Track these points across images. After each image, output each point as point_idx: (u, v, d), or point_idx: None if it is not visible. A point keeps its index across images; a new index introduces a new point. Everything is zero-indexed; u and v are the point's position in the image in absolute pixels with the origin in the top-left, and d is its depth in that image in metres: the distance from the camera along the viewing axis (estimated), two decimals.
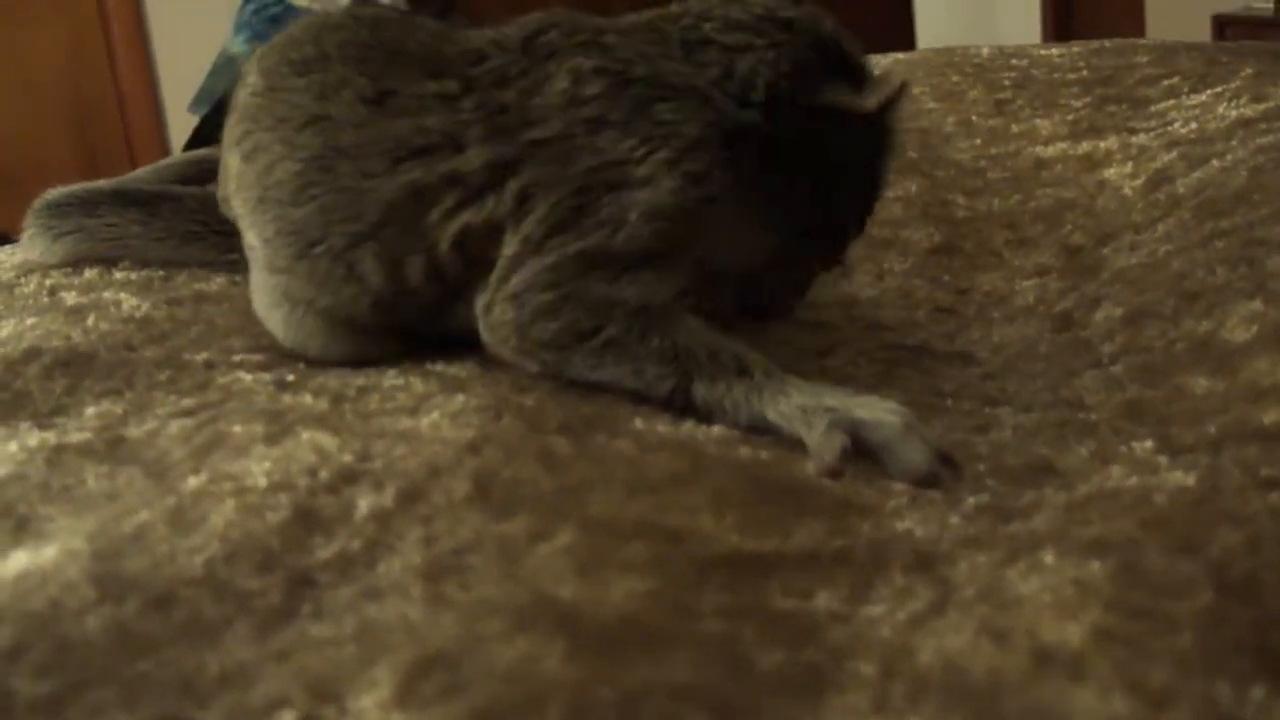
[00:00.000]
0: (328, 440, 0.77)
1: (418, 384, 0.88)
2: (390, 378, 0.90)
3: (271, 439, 0.78)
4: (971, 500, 0.73)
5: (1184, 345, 0.92)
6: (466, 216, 0.89)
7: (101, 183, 1.24)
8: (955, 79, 1.73)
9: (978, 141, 1.51)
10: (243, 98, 1.00)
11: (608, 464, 0.75)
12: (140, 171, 1.45)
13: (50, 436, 0.82)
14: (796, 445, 0.80)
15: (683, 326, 0.85)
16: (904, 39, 3.86)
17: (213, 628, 0.61)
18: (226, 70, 4.01)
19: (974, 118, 1.58)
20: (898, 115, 0.93)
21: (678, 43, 0.89)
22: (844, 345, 1.04)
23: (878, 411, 0.79)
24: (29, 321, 1.04)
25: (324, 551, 0.66)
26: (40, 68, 4.40)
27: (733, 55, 0.88)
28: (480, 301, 0.90)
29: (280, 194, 0.94)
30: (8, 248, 1.36)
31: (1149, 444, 0.79)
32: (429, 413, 0.81)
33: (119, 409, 0.87)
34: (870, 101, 0.89)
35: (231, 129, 1.00)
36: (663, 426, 0.82)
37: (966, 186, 1.39)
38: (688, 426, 0.82)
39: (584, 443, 0.78)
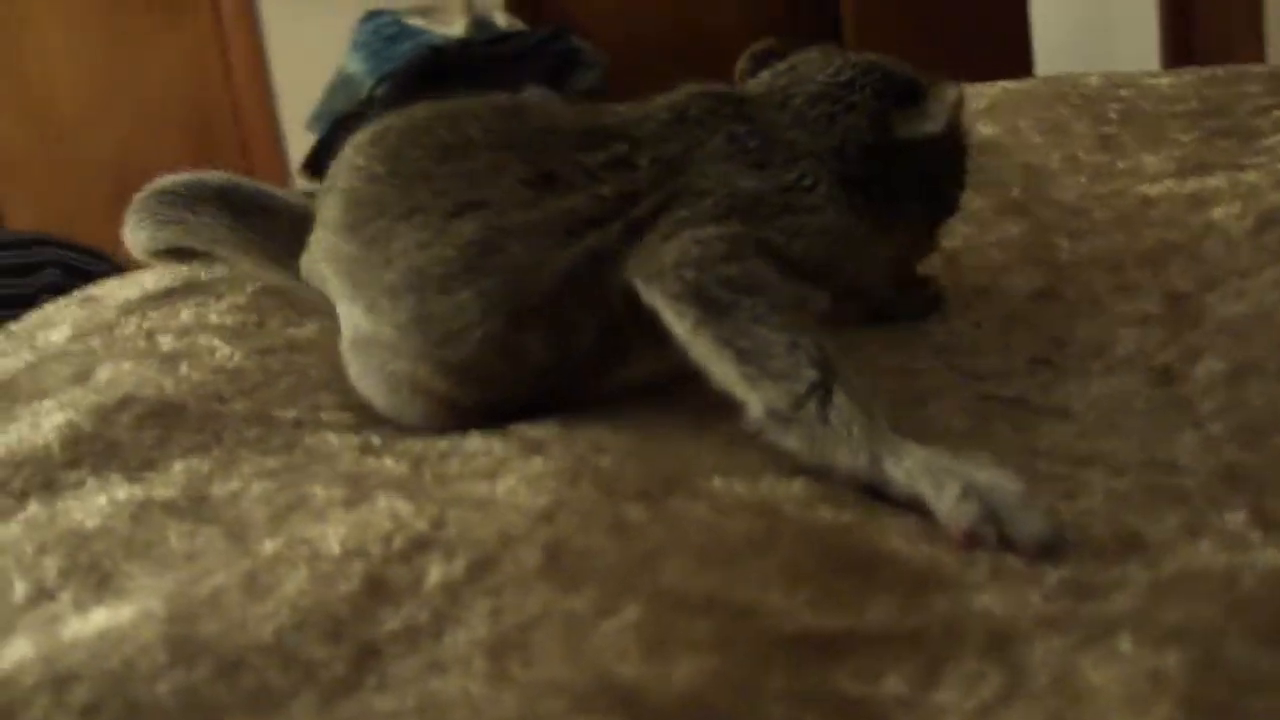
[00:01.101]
0: (404, 506, 0.77)
1: (498, 446, 0.87)
2: (473, 440, 0.90)
3: (350, 504, 0.79)
4: (1055, 575, 0.71)
5: None
6: None
7: (209, 175, 1.24)
8: (1062, 111, 1.70)
9: (1083, 179, 1.47)
10: (353, 183, 0.98)
11: (682, 530, 0.74)
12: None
13: (138, 491, 0.84)
14: (877, 504, 0.79)
15: (829, 340, 0.88)
16: (1021, 59, 3.82)
17: (279, 697, 0.62)
18: (344, 89, 4.09)
19: (1080, 153, 1.55)
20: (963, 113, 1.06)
21: (790, 114, 1.02)
22: (938, 395, 1.02)
23: (996, 476, 0.77)
24: (125, 366, 1.06)
25: (392, 622, 0.67)
26: (158, 85, 4.50)
27: (828, 127, 1.02)
28: (639, 254, 0.92)
29: (421, 282, 0.92)
30: (114, 279, 1.39)
31: (1242, 515, 0.76)
32: (505, 477, 0.81)
33: (205, 467, 0.89)
34: (937, 124, 1.01)
35: (339, 213, 0.98)
36: (740, 486, 0.81)
37: (1071, 228, 1.36)
38: (767, 483, 0.81)
39: (659, 507, 0.77)
